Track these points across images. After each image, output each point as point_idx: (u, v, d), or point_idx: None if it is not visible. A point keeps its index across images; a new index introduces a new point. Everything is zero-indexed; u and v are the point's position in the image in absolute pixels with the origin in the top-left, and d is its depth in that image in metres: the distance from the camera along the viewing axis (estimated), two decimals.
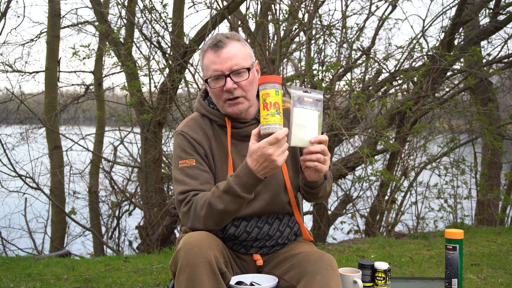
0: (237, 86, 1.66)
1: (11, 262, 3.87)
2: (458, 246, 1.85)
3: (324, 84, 5.35)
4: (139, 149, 6.96)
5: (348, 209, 6.75)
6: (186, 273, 1.46)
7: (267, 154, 1.48)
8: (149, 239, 5.80)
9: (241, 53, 1.68)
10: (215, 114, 1.75)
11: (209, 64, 1.67)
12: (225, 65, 1.65)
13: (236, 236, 1.73)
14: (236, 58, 1.66)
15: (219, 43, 1.66)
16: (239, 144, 1.75)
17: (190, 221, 1.63)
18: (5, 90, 7.58)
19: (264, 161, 1.50)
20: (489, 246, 4.26)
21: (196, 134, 1.72)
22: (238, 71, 1.65)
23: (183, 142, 1.71)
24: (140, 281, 3.24)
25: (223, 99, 1.68)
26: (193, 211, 1.62)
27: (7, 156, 5.92)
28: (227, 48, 1.66)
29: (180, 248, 1.50)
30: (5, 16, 6.32)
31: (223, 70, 1.65)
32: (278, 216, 1.77)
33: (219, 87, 1.67)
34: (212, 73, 1.66)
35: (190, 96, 6.03)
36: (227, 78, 1.65)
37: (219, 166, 1.72)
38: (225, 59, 1.65)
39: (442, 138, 6.69)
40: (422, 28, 5.87)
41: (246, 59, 1.69)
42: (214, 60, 1.66)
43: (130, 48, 5.56)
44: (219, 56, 1.65)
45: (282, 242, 1.79)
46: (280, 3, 5.39)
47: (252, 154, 1.51)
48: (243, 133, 1.75)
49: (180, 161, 1.69)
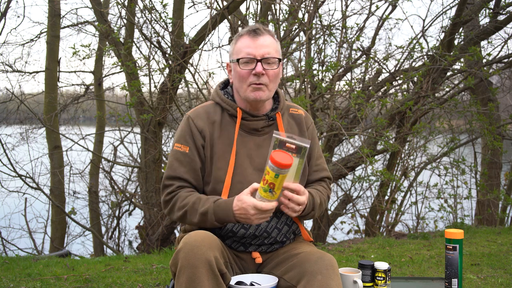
0: (265, 73, 1.74)
1: (11, 262, 3.87)
2: (458, 246, 1.85)
3: (324, 84, 5.36)
4: (139, 149, 6.95)
5: (348, 209, 6.74)
6: (186, 274, 1.47)
7: (249, 213, 1.59)
8: (149, 239, 5.80)
9: (274, 45, 1.78)
10: (228, 103, 1.82)
11: (243, 47, 1.76)
12: (259, 51, 1.73)
13: (234, 232, 1.74)
14: (270, 48, 1.75)
15: (257, 30, 1.76)
16: (245, 135, 1.81)
17: (167, 210, 1.79)
18: (5, 90, 7.60)
19: (243, 214, 1.61)
20: (489, 246, 4.26)
21: (200, 121, 1.80)
22: (269, 60, 1.75)
23: (185, 128, 1.81)
24: (140, 281, 3.24)
25: (248, 82, 1.75)
26: (172, 205, 1.76)
27: (7, 156, 5.91)
28: (264, 37, 1.76)
29: (180, 248, 1.51)
30: (5, 16, 6.32)
31: (256, 55, 1.73)
32: (276, 214, 1.78)
33: (248, 69, 1.74)
34: (245, 55, 1.74)
35: (190, 96, 6.03)
36: (258, 62, 1.73)
37: (220, 153, 1.77)
38: (260, 46, 1.74)
39: (442, 138, 6.69)
40: (422, 28, 5.87)
41: (278, 53, 1.79)
42: (250, 44, 1.75)
43: (130, 48, 5.56)
44: (255, 41, 1.75)
45: (280, 240, 1.79)
46: (280, 3, 5.39)
47: (239, 201, 1.61)
48: (251, 126, 1.81)
49: (176, 143, 1.81)
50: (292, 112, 1.91)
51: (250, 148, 1.78)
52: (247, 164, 1.76)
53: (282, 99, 1.89)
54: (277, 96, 1.90)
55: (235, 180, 1.74)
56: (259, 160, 1.78)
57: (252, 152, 1.78)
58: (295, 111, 1.92)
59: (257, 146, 1.80)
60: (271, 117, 1.82)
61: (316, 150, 1.92)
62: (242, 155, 1.77)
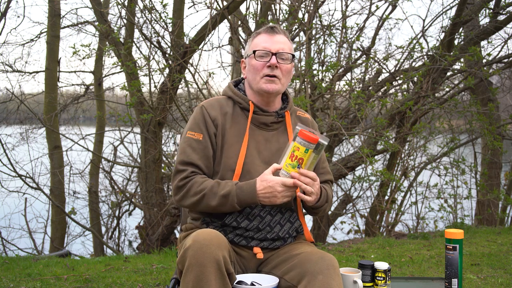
0: (278, 66, 1.84)
1: (11, 262, 3.87)
2: (458, 246, 1.85)
3: (324, 84, 5.36)
4: (139, 149, 6.95)
5: (348, 209, 6.74)
6: (194, 272, 1.47)
7: (276, 191, 1.67)
8: (149, 239, 5.80)
9: (288, 44, 1.90)
10: (240, 96, 1.90)
11: (260, 42, 1.87)
12: (275, 46, 1.85)
13: (238, 221, 1.76)
14: (285, 45, 1.87)
15: (274, 28, 1.90)
16: (255, 129, 1.88)
17: (179, 196, 1.78)
18: (5, 90, 7.59)
19: (269, 193, 1.67)
20: (489, 246, 4.26)
21: (214, 111, 1.86)
22: (283, 55, 1.85)
23: (198, 116, 1.86)
24: (140, 281, 3.24)
25: (261, 74, 1.84)
26: (186, 190, 1.76)
27: (7, 156, 5.91)
28: (280, 35, 1.88)
29: (189, 246, 1.51)
30: (5, 16, 6.32)
31: (271, 49, 1.84)
32: (281, 210, 1.82)
33: (263, 61, 1.84)
34: (262, 48, 1.85)
35: (190, 96, 6.03)
36: (273, 56, 1.83)
37: (231, 143, 1.83)
38: (276, 42, 1.86)
39: (442, 138, 6.69)
40: (422, 28, 5.87)
41: (292, 51, 1.91)
42: (267, 39, 1.87)
43: (130, 48, 5.56)
44: (272, 38, 1.87)
45: (282, 236, 1.80)
46: (280, 3, 5.40)
47: (264, 181, 1.68)
48: (261, 120, 1.88)
49: (189, 131, 1.85)
50: (299, 115, 2.01)
51: (259, 142, 1.85)
52: (255, 156, 1.82)
53: (291, 100, 1.99)
54: (286, 97, 1.99)
55: (245, 169, 1.79)
56: (266, 153, 1.84)
57: (261, 145, 1.85)
58: (302, 114, 2.02)
59: (265, 140, 1.86)
60: (280, 114, 1.90)
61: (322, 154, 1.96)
62: (252, 147, 1.83)
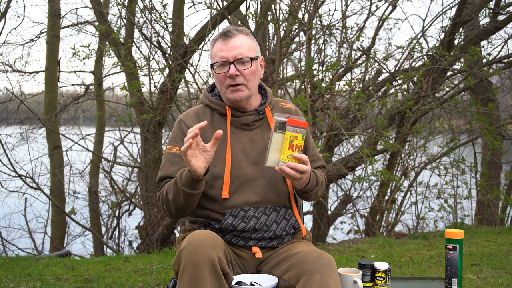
0: (239, 73, 1.78)
1: (11, 262, 3.87)
2: (458, 246, 1.85)
3: (324, 84, 5.35)
4: (139, 149, 6.96)
5: (348, 209, 6.74)
6: (189, 273, 1.47)
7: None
8: (149, 239, 5.80)
9: (246, 44, 1.81)
10: (216, 103, 1.87)
11: (217, 51, 1.81)
12: (231, 53, 1.77)
13: (234, 225, 1.75)
14: (242, 48, 1.78)
15: (228, 33, 1.81)
16: (238, 131, 1.84)
17: (164, 209, 1.78)
18: (5, 90, 7.58)
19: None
20: (489, 246, 4.26)
21: (191, 122, 1.85)
22: (242, 60, 1.78)
23: (176, 131, 1.87)
24: (140, 281, 3.24)
25: (225, 85, 1.80)
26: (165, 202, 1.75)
27: (7, 156, 5.91)
28: (235, 38, 1.79)
29: (183, 247, 1.51)
30: (5, 16, 6.32)
31: (228, 58, 1.77)
32: (276, 208, 1.81)
33: (223, 73, 1.79)
34: (219, 59, 1.79)
35: (190, 96, 6.03)
36: (231, 65, 1.77)
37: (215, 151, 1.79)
38: (231, 48, 1.78)
39: (442, 138, 6.68)
40: (422, 28, 5.87)
41: (251, 51, 1.82)
42: (222, 48, 1.79)
43: (130, 48, 5.56)
44: (226, 44, 1.79)
45: (280, 234, 1.80)
46: (280, 3, 5.40)
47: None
48: (242, 121, 1.85)
49: (168, 146, 1.86)
50: (282, 106, 1.96)
51: (244, 143, 1.83)
52: (242, 159, 1.80)
53: (270, 94, 1.94)
54: (265, 92, 1.95)
55: (233, 174, 1.77)
56: (253, 154, 1.82)
57: (247, 146, 1.83)
58: (285, 105, 1.97)
59: (250, 140, 1.84)
60: (260, 111, 1.87)
61: (310, 141, 1.97)
62: (237, 150, 1.81)
